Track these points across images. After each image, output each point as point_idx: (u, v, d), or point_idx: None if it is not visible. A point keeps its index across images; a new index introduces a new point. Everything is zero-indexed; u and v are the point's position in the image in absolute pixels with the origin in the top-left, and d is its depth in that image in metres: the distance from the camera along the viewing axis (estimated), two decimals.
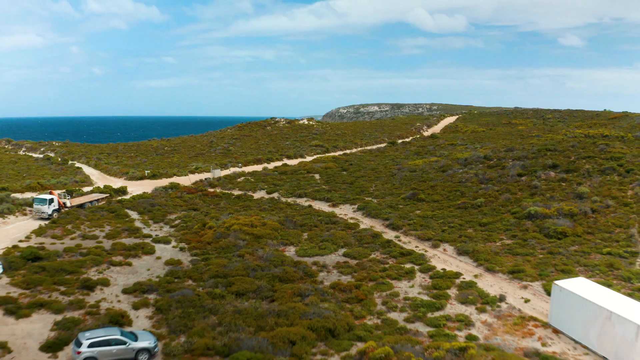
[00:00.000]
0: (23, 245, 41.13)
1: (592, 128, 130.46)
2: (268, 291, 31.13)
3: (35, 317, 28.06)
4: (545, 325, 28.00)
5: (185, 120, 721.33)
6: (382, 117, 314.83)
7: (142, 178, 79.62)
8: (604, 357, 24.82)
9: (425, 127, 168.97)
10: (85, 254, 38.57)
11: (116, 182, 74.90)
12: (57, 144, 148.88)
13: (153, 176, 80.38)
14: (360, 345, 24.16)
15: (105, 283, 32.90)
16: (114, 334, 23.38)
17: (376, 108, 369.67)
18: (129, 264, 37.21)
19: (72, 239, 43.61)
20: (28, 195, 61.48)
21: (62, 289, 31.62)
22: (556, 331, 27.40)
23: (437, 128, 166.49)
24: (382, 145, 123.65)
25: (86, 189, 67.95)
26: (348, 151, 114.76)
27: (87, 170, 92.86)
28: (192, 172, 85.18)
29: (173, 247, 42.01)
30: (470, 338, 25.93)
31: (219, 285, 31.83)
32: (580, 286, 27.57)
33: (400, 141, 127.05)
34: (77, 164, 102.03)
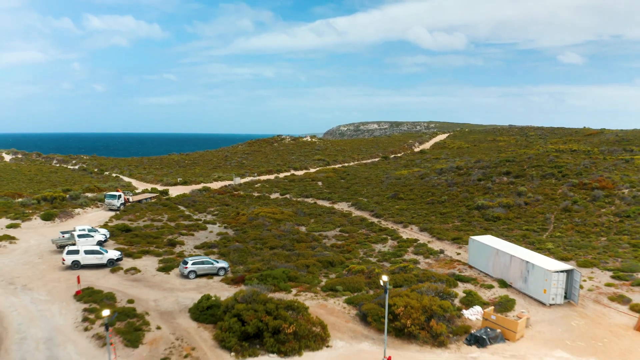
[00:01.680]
0: (110, 224, 57.76)
1: (566, 144, 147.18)
2: (290, 246, 47.74)
3: (145, 258, 44.64)
4: (465, 264, 44.46)
5: (187, 138, 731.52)
6: (381, 134, 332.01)
7: (175, 184, 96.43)
8: (495, 277, 41.16)
9: (417, 143, 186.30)
10: (160, 228, 55.30)
11: (156, 187, 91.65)
12: (86, 157, 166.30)
13: (184, 183, 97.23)
14: None
15: (181, 243, 49.54)
16: (205, 258, 39.97)
17: (376, 126, 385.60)
18: (192, 235, 53.86)
19: (144, 221, 60.28)
20: (88, 195, 78.02)
21: (154, 245, 48.26)
22: (471, 267, 43.83)
23: (427, 145, 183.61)
24: (377, 159, 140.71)
25: (136, 191, 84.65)
26: (346, 164, 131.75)
27: (125, 178, 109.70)
28: (216, 180, 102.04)
29: (219, 226, 58.70)
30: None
31: (258, 243, 48.46)
32: (485, 238, 44.16)
33: (392, 156, 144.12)
34: (113, 174, 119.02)
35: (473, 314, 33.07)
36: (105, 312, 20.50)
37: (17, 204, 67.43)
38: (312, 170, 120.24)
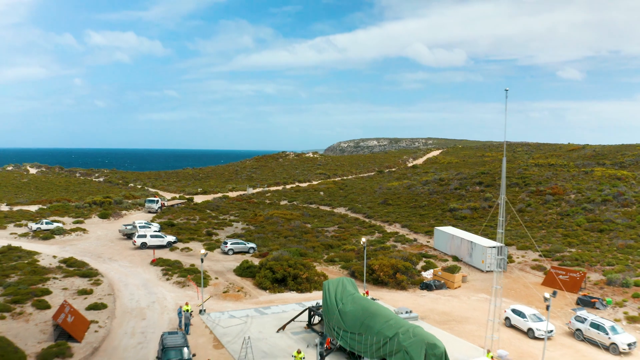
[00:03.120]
0: (157, 221, 72.42)
1: (547, 158, 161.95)
2: (299, 236, 62.56)
3: (191, 243, 59.44)
4: (431, 248, 59.21)
5: (190, 154, 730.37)
6: (380, 150, 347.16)
7: (196, 193, 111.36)
8: (450, 255, 55.77)
9: (411, 159, 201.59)
10: (196, 224, 70.15)
11: (183, 195, 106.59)
12: (106, 171, 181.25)
13: (204, 192, 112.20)
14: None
15: (216, 234, 64.38)
16: (239, 240, 54.83)
17: (375, 142, 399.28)
18: (222, 229, 68.70)
19: (181, 219, 75.09)
20: (129, 201, 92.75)
21: (196, 235, 63.06)
22: (435, 249, 58.57)
23: (420, 160, 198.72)
24: (372, 173, 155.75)
25: (167, 198, 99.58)
26: (345, 177, 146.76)
27: (150, 189, 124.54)
28: (231, 190, 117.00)
29: (241, 223, 73.52)
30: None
31: (275, 234, 63.30)
32: (446, 228, 59.05)
33: (387, 170, 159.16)
34: (138, 185, 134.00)
35: (428, 274, 47.80)
36: (203, 251, 35.16)
37: (73, 207, 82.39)
38: (314, 182, 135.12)
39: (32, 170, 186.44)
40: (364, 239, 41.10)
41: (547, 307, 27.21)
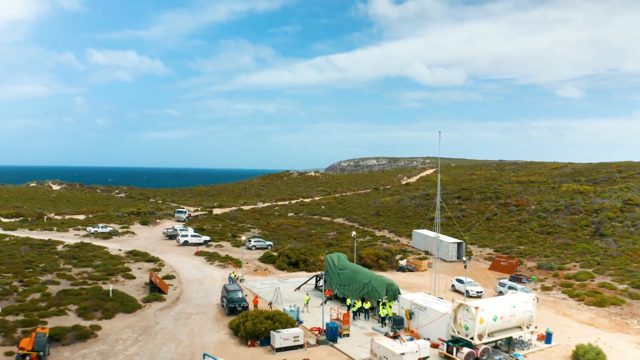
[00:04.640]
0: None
1: (531, 175, 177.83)
2: (306, 238, 78.61)
3: (221, 242, 75.45)
4: (410, 246, 75.20)
5: (191, 173, 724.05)
6: (380, 169, 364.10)
7: (213, 207, 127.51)
8: (423, 250, 71.66)
9: (405, 177, 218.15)
10: (221, 229, 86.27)
11: (203, 209, 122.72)
12: (125, 188, 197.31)
13: (220, 206, 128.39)
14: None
15: (240, 236, 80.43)
16: (260, 238, 70.90)
17: (374, 161, 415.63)
18: (242, 233, 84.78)
19: (206, 226, 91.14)
20: (158, 212, 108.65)
21: (223, 236, 79.13)
22: (412, 247, 74.56)
23: (414, 178, 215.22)
24: (369, 190, 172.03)
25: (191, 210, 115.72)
26: (344, 194, 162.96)
27: (172, 204, 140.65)
28: (243, 205, 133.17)
29: (257, 229, 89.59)
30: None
31: (286, 236, 79.39)
32: (421, 230, 75.19)
33: (382, 188, 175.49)
34: (159, 200, 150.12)
35: (403, 262, 63.79)
36: (243, 237, 51.17)
37: (115, 216, 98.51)
38: (316, 198, 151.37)
39: (55, 187, 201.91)
40: (354, 233, 57.19)
41: (465, 267, 43.24)
